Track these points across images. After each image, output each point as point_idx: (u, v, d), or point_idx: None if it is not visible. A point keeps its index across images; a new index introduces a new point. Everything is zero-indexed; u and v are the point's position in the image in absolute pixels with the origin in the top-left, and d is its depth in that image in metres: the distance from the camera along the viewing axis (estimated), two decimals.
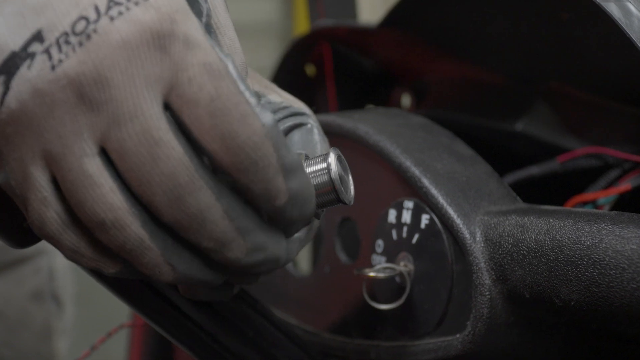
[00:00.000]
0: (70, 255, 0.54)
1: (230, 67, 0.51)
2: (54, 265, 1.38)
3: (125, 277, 0.56)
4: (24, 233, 0.60)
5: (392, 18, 0.88)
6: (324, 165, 0.57)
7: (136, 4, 0.51)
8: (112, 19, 0.50)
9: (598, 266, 0.60)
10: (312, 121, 0.65)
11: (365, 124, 0.74)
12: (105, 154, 0.51)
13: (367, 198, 0.74)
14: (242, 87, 0.51)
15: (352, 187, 0.60)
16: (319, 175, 0.57)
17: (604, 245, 0.60)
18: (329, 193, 0.57)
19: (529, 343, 0.68)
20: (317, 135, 0.64)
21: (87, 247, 0.54)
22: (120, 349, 0.76)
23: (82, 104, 0.50)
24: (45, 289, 1.36)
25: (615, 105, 0.79)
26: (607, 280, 0.59)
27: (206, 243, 0.53)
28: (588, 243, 0.61)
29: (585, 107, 0.81)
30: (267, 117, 0.51)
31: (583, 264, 0.61)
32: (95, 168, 0.51)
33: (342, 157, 0.60)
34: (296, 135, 0.64)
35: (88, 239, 0.53)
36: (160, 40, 0.51)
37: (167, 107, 0.51)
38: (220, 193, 0.52)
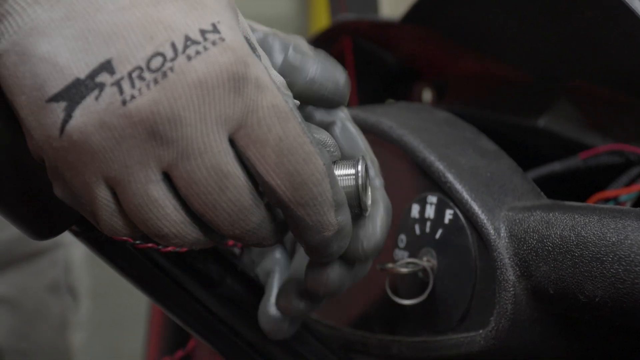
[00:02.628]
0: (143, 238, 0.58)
1: (294, 109, 0.54)
2: (71, 258, 1.38)
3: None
4: (44, 225, 0.60)
5: (414, 13, 0.88)
6: (353, 171, 0.59)
7: (214, 44, 0.52)
8: (189, 58, 0.51)
9: (623, 262, 0.60)
10: (342, 114, 0.66)
11: (389, 118, 0.74)
12: (167, 177, 0.53)
13: (390, 192, 0.73)
14: (305, 128, 0.54)
15: (370, 198, 0.62)
16: (346, 179, 0.59)
17: (629, 241, 0.60)
18: (351, 199, 0.59)
19: (552, 339, 0.68)
20: (353, 129, 0.65)
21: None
22: (138, 341, 0.77)
23: (152, 140, 0.51)
24: (62, 281, 1.36)
25: (637, 102, 0.79)
26: (632, 276, 0.59)
27: (252, 243, 0.57)
28: (613, 239, 0.60)
29: (608, 104, 0.81)
30: (326, 157, 0.55)
31: (608, 260, 0.60)
32: (160, 193, 0.53)
33: (368, 164, 0.62)
34: (336, 130, 0.65)
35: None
36: (235, 83, 0.52)
37: (231, 141, 0.53)
38: (268, 205, 0.56)
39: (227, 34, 0.52)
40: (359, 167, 0.59)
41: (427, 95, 0.98)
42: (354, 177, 0.59)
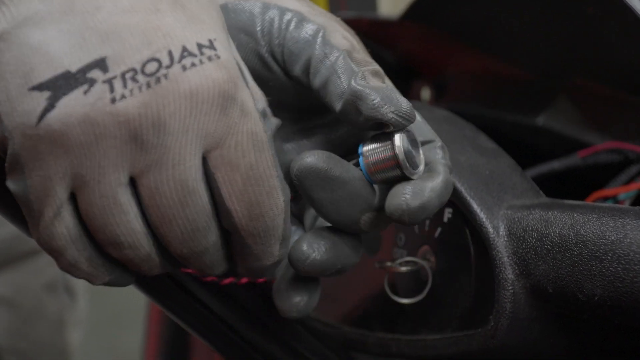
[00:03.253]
0: (67, 267, 0.56)
1: (271, 141, 0.54)
2: None
3: (110, 286, 0.58)
4: None
5: (414, 11, 0.88)
6: (389, 141, 0.58)
7: (209, 59, 0.52)
8: (184, 68, 0.51)
9: (622, 261, 0.60)
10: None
11: None
12: (132, 182, 0.53)
13: None
14: (275, 161, 0.54)
15: (422, 163, 0.59)
16: (383, 150, 0.58)
17: (628, 240, 0.60)
18: (393, 168, 0.58)
19: (550, 338, 0.68)
20: (428, 127, 0.64)
21: (84, 262, 0.55)
22: (137, 340, 0.76)
23: (132, 143, 0.51)
24: (59, 280, 1.36)
25: (637, 100, 0.79)
26: (631, 275, 0.59)
27: (198, 266, 0.57)
28: (612, 238, 0.60)
29: (607, 102, 0.81)
30: (287, 193, 0.55)
31: (607, 259, 0.60)
32: (126, 197, 0.53)
33: (412, 133, 0.60)
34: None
35: (87, 255, 0.55)
36: (223, 101, 0.52)
37: (203, 160, 0.53)
38: (222, 232, 0.56)
39: (223, 52, 0.53)
40: (395, 136, 0.57)
41: (426, 93, 0.98)
42: (390, 146, 0.57)
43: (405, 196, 0.56)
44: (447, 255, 0.69)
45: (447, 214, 0.69)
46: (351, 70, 0.58)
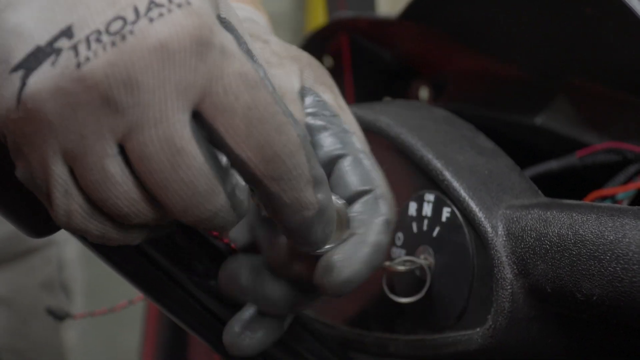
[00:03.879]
0: (99, 239, 0.54)
1: (265, 78, 0.52)
2: (64, 256, 1.38)
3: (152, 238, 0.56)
4: (42, 222, 0.60)
5: (413, 10, 0.88)
6: None
7: (179, 6, 0.50)
8: (151, 20, 0.49)
9: (621, 261, 0.60)
10: (357, 145, 0.64)
11: (387, 116, 0.74)
12: (123, 151, 0.51)
13: None
14: (277, 98, 0.52)
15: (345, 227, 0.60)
16: None
17: (627, 240, 0.60)
18: None
19: (549, 338, 0.68)
20: (368, 163, 0.63)
21: (112, 230, 0.54)
22: (135, 339, 0.76)
23: (106, 106, 0.49)
24: (55, 279, 1.36)
25: (636, 100, 0.79)
26: (630, 275, 0.59)
27: (213, 229, 0.54)
28: (611, 238, 0.60)
29: (605, 102, 0.81)
30: (301, 128, 0.52)
31: (606, 258, 0.60)
32: (116, 168, 0.51)
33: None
34: (344, 164, 0.63)
35: (112, 223, 0.53)
36: (198, 47, 0.49)
37: (197, 115, 0.51)
38: (232, 191, 0.53)
39: (194, 0, 0.50)
40: None
41: (424, 93, 0.97)
42: None
43: (331, 270, 0.58)
44: (445, 254, 0.69)
45: (446, 213, 0.69)
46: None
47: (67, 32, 0.49)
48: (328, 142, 0.63)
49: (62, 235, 0.67)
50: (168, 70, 0.49)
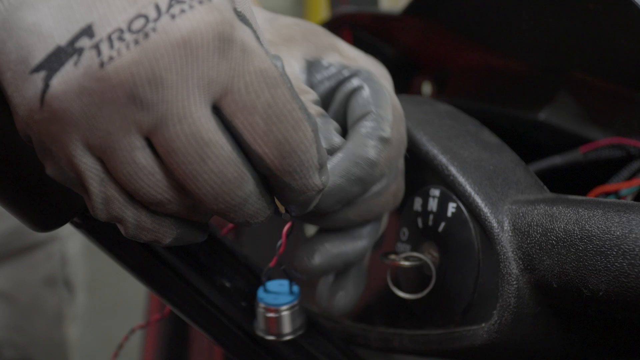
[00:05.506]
0: (134, 231, 0.55)
1: (284, 74, 0.52)
2: (66, 252, 1.38)
3: (180, 244, 0.57)
4: (47, 216, 0.60)
5: (415, 5, 0.88)
6: None
7: (200, 2, 0.50)
8: (173, 17, 0.49)
9: (628, 256, 0.60)
10: (365, 77, 0.67)
11: None
12: (151, 144, 0.52)
13: None
14: (294, 93, 0.53)
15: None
16: None
17: (634, 235, 0.60)
18: None
19: (554, 333, 0.68)
20: (367, 94, 0.66)
21: (147, 220, 0.54)
22: (136, 333, 0.77)
23: (132, 104, 0.50)
24: (58, 275, 1.36)
25: (639, 95, 0.78)
26: (636, 270, 0.59)
27: (242, 219, 0.55)
28: (618, 233, 0.60)
29: (609, 97, 0.81)
30: (313, 122, 0.54)
31: (612, 254, 0.60)
32: (147, 159, 0.52)
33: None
34: (352, 102, 0.66)
35: (146, 212, 0.54)
36: (220, 44, 0.50)
37: (216, 109, 0.52)
38: (259, 179, 0.54)
39: None
40: None
41: (427, 88, 0.97)
42: None
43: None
44: (451, 250, 0.69)
45: (451, 208, 0.69)
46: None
47: (88, 31, 0.50)
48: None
49: (65, 230, 0.67)
50: (191, 66, 0.50)
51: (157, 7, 0.50)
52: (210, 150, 0.51)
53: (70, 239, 1.37)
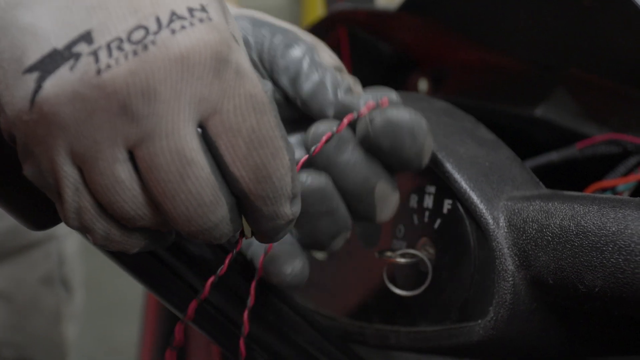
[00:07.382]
0: (102, 241, 0.55)
1: (271, 99, 0.53)
2: (64, 251, 1.38)
3: (147, 250, 0.58)
4: (43, 214, 0.60)
5: (412, 2, 0.88)
6: None
7: (201, 21, 0.50)
8: (173, 32, 0.50)
9: (623, 252, 0.59)
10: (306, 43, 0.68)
11: None
12: (132, 158, 0.51)
13: None
14: (278, 121, 0.53)
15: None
16: None
17: (629, 231, 0.59)
18: None
19: (550, 329, 0.68)
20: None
21: (116, 232, 0.54)
22: (133, 331, 0.76)
23: (123, 115, 0.49)
24: (55, 274, 1.36)
25: (636, 92, 0.79)
26: (632, 266, 0.59)
27: (206, 240, 0.55)
28: (613, 229, 0.60)
29: (605, 93, 0.81)
30: (292, 151, 0.54)
31: (608, 250, 0.60)
32: (126, 173, 0.51)
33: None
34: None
35: (116, 225, 0.54)
36: (216, 63, 0.50)
37: (201, 127, 0.52)
38: (233, 204, 0.54)
39: (215, 15, 0.51)
40: None
41: (423, 85, 0.97)
42: None
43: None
44: (447, 246, 0.69)
45: (447, 205, 0.69)
46: (339, 83, 0.65)
47: (87, 37, 0.49)
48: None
49: (63, 229, 0.67)
50: (186, 82, 0.50)
51: (158, 20, 0.50)
52: (191, 170, 0.51)
53: (67, 238, 1.37)
